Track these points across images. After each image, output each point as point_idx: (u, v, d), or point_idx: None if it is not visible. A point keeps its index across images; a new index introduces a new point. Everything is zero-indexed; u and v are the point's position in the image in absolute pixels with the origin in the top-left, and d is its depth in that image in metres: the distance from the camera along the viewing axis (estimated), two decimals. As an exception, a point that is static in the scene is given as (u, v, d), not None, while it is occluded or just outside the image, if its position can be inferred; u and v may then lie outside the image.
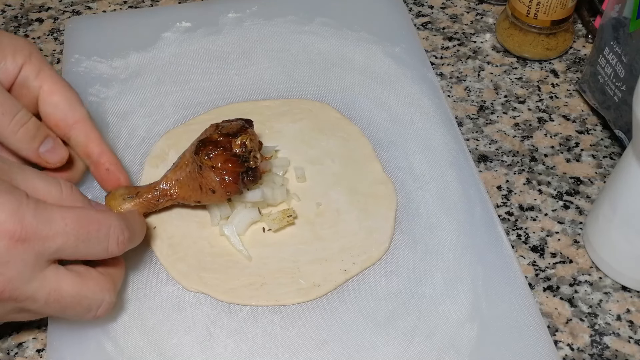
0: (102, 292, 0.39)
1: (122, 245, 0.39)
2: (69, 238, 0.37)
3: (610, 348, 0.43)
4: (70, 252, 0.37)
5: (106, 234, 0.38)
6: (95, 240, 0.38)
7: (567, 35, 0.61)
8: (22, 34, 0.63)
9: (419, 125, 0.54)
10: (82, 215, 0.37)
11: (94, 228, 0.38)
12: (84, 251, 0.38)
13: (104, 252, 0.39)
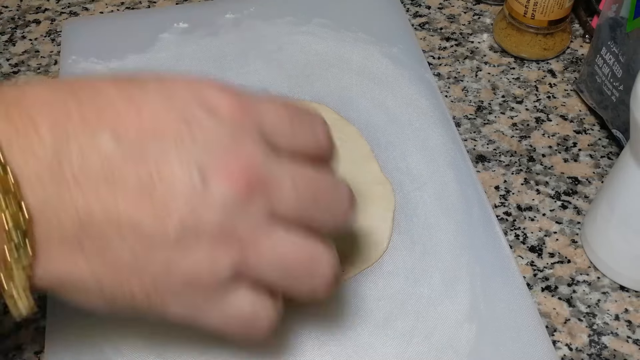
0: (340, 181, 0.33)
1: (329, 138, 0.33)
2: (280, 114, 0.31)
3: (608, 348, 0.43)
4: (284, 135, 0.31)
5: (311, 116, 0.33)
6: (306, 122, 0.32)
7: (565, 35, 0.61)
8: (19, 35, 0.63)
9: (416, 125, 0.54)
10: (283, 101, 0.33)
11: (302, 109, 0.33)
12: (297, 133, 0.32)
13: (313, 137, 0.32)
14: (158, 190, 0.28)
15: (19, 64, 0.61)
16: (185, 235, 0.28)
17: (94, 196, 0.27)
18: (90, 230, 0.28)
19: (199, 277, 0.29)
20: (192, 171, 0.28)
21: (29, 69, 0.60)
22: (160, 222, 0.28)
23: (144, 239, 0.28)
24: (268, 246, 0.30)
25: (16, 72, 0.60)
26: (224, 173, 0.28)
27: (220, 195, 0.28)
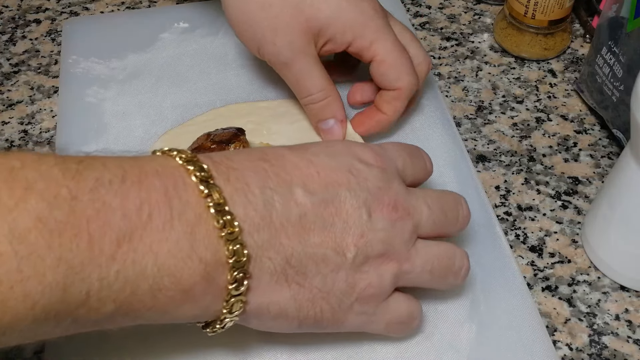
0: (456, 195, 0.42)
1: (431, 163, 0.43)
2: (404, 155, 0.40)
3: (608, 348, 0.43)
4: (410, 169, 0.40)
5: (419, 151, 0.43)
6: (418, 155, 0.42)
7: (565, 35, 0.61)
8: (19, 35, 0.63)
9: (416, 125, 0.54)
10: (396, 142, 0.43)
11: (410, 146, 0.43)
12: (417, 166, 0.41)
13: (424, 166, 0.42)
14: (337, 225, 0.36)
15: (20, 64, 0.61)
16: (359, 258, 0.36)
17: (295, 237, 0.35)
18: (293, 264, 0.35)
19: (370, 290, 0.37)
20: (360, 208, 0.36)
21: (29, 68, 0.60)
22: (341, 250, 0.36)
23: (330, 266, 0.36)
24: (416, 256, 0.38)
25: (16, 71, 0.60)
26: (382, 207, 0.37)
27: (380, 223, 0.37)
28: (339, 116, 0.51)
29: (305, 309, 0.36)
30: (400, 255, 0.37)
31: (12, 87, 0.59)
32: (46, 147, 0.54)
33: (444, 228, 0.40)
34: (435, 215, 0.39)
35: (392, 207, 0.37)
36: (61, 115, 0.54)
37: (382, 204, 0.37)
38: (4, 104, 0.57)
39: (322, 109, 0.50)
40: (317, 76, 0.49)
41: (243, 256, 0.33)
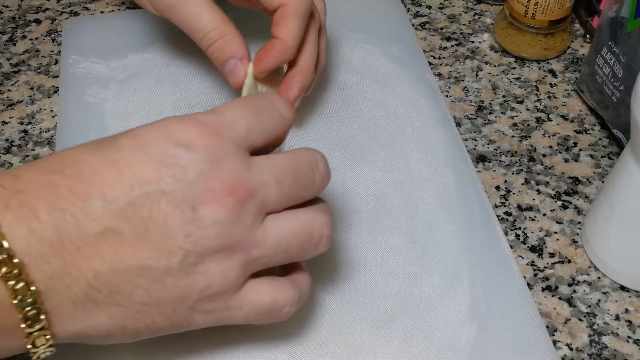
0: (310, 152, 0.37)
1: (289, 107, 0.38)
2: (246, 115, 0.35)
3: (609, 348, 0.43)
4: (258, 130, 0.35)
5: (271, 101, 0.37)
6: (268, 108, 0.36)
7: (565, 35, 0.61)
8: (19, 35, 0.63)
9: (417, 125, 0.54)
10: (240, 98, 0.38)
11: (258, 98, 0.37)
12: (267, 122, 0.36)
13: (280, 117, 0.37)
14: (152, 230, 0.31)
15: (20, 64, 0.61)
16: (190, 259, 0.32)
17: (96, 256, 0.31)
18: (99, 286, 0.31)
19: (214, 288, 0.33)
20: (180, 205, 0.31)
21: (29, 68, 0.60)
22: (162, 256, 0.31)
23: (152, 276, 0.32)
24: (266, 238, 0.34)
25: (17, 71, 0.60)
26: (210, 197, 0.32)
27: (211, 217, 0.32)
28: (239, 54, 0.46)
29: (132, 324, 0.33)
30: (245, 244, 0.33)
31: (12, 87, 0.59)
32: (46, 147, 0.54)
33: (298, 198, 0.35)
34: (287, 187, 0.34)
35: (225, 192, 0.32)
36: (61, 115, 0.54)
37: (210, 192, 0.32)
38: (4, 103, 0.57)
39: (220, 48, 0.47)
40: (209, 14, 0.46)
41: (28, 293, 0.30)
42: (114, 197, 0.31)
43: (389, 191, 0.50)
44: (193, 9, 0.46)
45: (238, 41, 0.47)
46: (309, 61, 0.48)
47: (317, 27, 0.48)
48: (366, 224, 0.48)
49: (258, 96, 0.37)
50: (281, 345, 0.42)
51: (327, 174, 0.37)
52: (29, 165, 0.33)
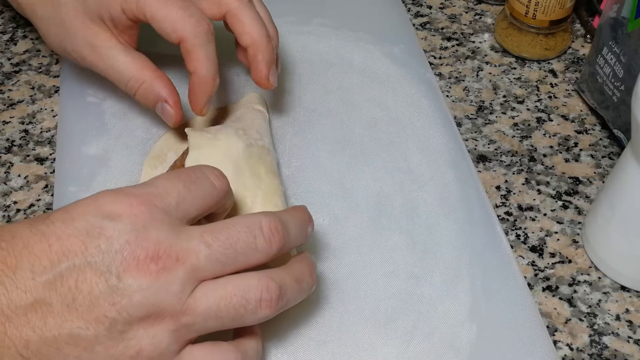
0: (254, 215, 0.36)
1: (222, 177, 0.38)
2: (177, 186, 0.35)
3: (609, 348, 0.43)
4: (189, 200, 0.35)
5: (202, 171, 0.37)
6: (199, 179, 0.36)
7: (566, 35, 0.61)
8: (20, 34, 0.63)
9: (417, 125, 0.54)
10: (172, 171, 0.39)
11: (189, 170, 0.37)
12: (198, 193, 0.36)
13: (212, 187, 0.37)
14: (78, 300, 0.32)
15: (20, 63, 0.61)
16: (117, 327, 0.32)
17: (26, 326, 0.32)
18: (30, 355, 0.32)
19: (145, 354, 0.33)
20: (105, 274, 0.32)
21: (30, 68, 0.60)
22: (89, 325, 0.32)
23: (81, 344, 0.32)
24: (196, 304, 0.34)
25: (17, 71, 0.60)
26: (134, 265, 0.32)
27: (135, 284, 0.32)
28: (162, 96, 0.47)
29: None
30: (173, 310, 0.33)
31: (13, 87, 0.59)
32: (47, 147, 0.54)
33: (238, 263, 0.35)
34: (219, 253, 0.34)
35: (149, 259, 0.32)
36: (62, 114, 0.54)
37: (134, 260, 0.32)
38: (4, 103, 0.57)
39: (144, 97, 0.47)
40: (122, 63, 0.47)
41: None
42: (42, 269, 0.32)
43: (390, 191, 0.50)
44: (108, 62, 0.47)
45: (157, 84, 0.47)
46: (257, 35, 0.47)
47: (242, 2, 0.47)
48: (367, 223, 0.48)
49: (190, 167, 0.38)
50: (282, 345, 0.42)
51: (274, 238, 0.36)
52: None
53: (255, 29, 0.47)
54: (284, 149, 0.52)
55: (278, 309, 0.36)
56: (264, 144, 0.48)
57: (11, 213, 0.50)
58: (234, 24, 0.47)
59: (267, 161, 0.47)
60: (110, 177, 0.50)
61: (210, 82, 0.46)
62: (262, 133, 0.49)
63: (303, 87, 0.57)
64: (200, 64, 0.45)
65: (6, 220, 0.49)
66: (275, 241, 0.36)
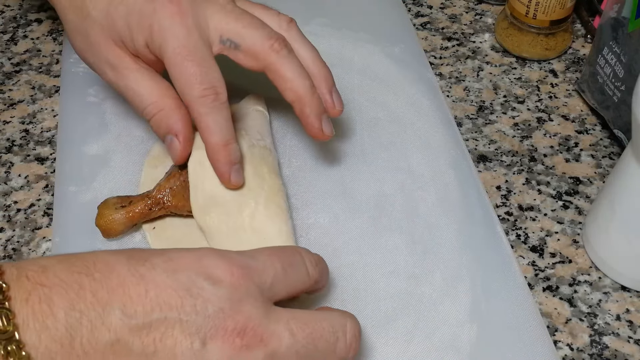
0: (341, 315, 0.36)
1: (317, 266, 0.38)
2: (276, 267, 0.35)
3: (609, 348, 0.43)
4: (282, 283, 0.35)
5: (301, 256, 0.37)
6: (297, 264, 0.37)
7: (566, 35, 0.61)
8: (21, 34, 0.63)
9: (418, 125, 0.54)
10: (274, 247, 0.37)
11: (290, 252, 0.37)
12: (292, 278, 0.36)
13: (306, 275, 0.37)
14: (159, 353, 0.31)
15: (21, 63, 0.61)
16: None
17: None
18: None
19: None
20: (192, 336, 0.32)
21: (30, 68, 0.60)
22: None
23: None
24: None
25: (18, 71, 0.60)
26: (221, 334, 0.32)
27: (216, 354, 0.32)
28: (174, 129, 0.44)
29: None
30: (260, 326, 0.33)
31: (13, 87, 0.59)
32: (47, 147, 0.54)
33: (314, 358, 0.35)
34: (300, 345, 0.34)
35: (237, 333, 0.32)
36: (62, 114, 0.54)
37: (223, 330, 0.32)
38: (5, 103, 0.57)
39: (157, 124, 0.45)
40: (146, 87, 0.44)
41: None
42: (134, 312, 0.31)
43: (390, 191, 0.50)
44: (129, 84, 0.45)
45: (174, 115, 0.44)
46: (301, 90, 0.45)
47: (280, 55, 0.44)
48: (367, 223, 0.48)
49: (291, 249, 0.38)
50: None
51: (353, 344, 0.36)
52: (59, 258, 0.33)
53: (297, 83, 0.44)
54: (284, 149, 0.52)
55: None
56: (265, 144, 0.48)
57: (11, 213, 0.50)
58: (275, 80, 0.45)
59: (269, 161, 0.47)
60: (110, 177, 0.50)
61: (223, 148, 0.43)
62: (263, 134, 0.49)
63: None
64: (207, 132, 0.43)
65: (6, 220, 0.49)
66: (353, 348, 0.36)
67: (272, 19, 0.46)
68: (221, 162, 0.43)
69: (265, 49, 0.44)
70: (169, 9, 0.42)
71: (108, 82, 0.46)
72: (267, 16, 0.46)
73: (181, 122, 0.44)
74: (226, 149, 0.43)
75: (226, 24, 0.44)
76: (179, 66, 0.42)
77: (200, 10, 0.44)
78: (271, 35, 0.44)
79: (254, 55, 0.44)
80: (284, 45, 0.44)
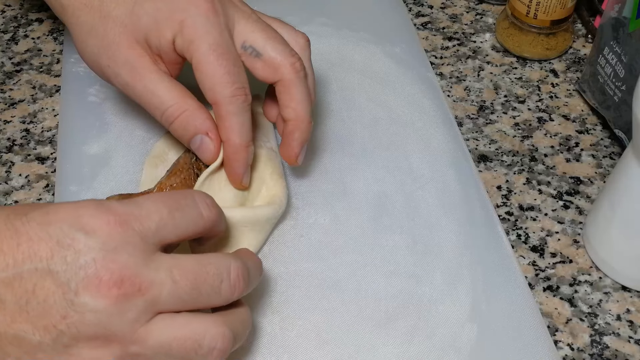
0: (225, 257, 0.36)
1: (213, 207, 0.37)
2: (161, 211, 0.35)
3: (610, 348, 0.43)
4: (170, 226, 0.35)
5: (192, 198, 0.36)
6: (187, 206, 0.36)
7: (567, 35, 0.61)
8: (21, 34, 0.63)
9: (418, 125, 0.54)
10: (163, 192, 0.37)
11: (179, 195, 0.36)
12: (182, 221, 0.36)
13: (199, 217, 0.36)
14: (32, 304, 0.32)
15: (22, 63, 0.61)
16: (63, 340, 0.32)
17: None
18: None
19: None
20: (64, 286, 0.32)
21: (31, 67, 0.60)
22: (36, 331, 0.32)
23: (24, 347, 0.32)
24: (149, 336, 0.33)
25: (19, 70, 0.60)
26: (95, 285, 0.32)
27: (90, 303, 0.32)
28: (203, 128, 0.44)
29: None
30: (123, 337, 0.33)
31: (14, 86, 0.59)
32: (48, 146, 0.54)
33: (198, 303, 0.35)
34: (183, 291, 0.34)
35: (113, 283, 0.32)
36: (63, 114, 0.54)
37: (97, 280, 0.32)
38: (6, 102, 0.57)
39: (183, 126, 0.44)
40: (165, 89, 0.44)
41: None
42: (5, 265, 0.32)
43: (391, 191, 0.50)
44: (149, 86, 0.44)
45: (200, 114, 0.44)
46: (302, 114, 0.45)
47: (298, 76, 0.45)
48: (367, 223, 0.48)
49: (182, 192, 0.37)
50: (283, 345, 0.42)
51: (237, 284, 0.36)
52: None
53: (301, 107, 0.45)
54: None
55: (226, 357, 0.35)
56: (271, 146, 0.48)
57: (12, 212, 0.50)
58: (282, 94, 0.45)
59: (275, 163, 0.47)
60: (111, 177, 0.50)
61: (244, 150, 0.44)
62: (268, 136, 0.49)
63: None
64: (232, 132, 0.43)
65: (7, 219, 0.49)
66: (238, 287, 0.36)
67: (290, 35, 0.47)
68: (239, 163, 0.44)
69: (286, 65, 0.44)
70: (204, 7, 0.42)
71: (122, 85, 0.45)
72: (285, 31, 0.47)
73: (209, 121, 0.44)
74: (246, 151, 0.44)
75: (251, 32, 0.44)
76: (213, 64, 0.42)
77: (229, 14, 0.44)
78: (293, 53, 0.45)
79: (274, 68, 0.44)
80: (302, 67, 0.45)
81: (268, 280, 0.45)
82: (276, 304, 0.44)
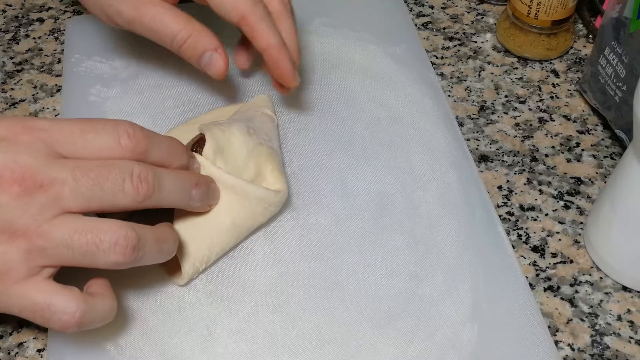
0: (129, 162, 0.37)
1: (135, 137, 0.38)
2: (73, 129, 0.37)
3: (610, 348, 0.43)
4: (79, 143, 0.37)
5: (114, 125, 0.38)
6: (102, 130, 0.38)
7: (568, 35, 0.61)
8: (22, 34, 0.63)
9: (419, 125, 0.54)
10: (85, 118, 0.39)
11: (100, 121, 0.38)
12: (94, 141, 0.37)
13: (115, 143, 0.38)
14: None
15: (23, 62, 0.61)
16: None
17: None
18: None
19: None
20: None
21: (32, 67, 0.60)
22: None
23: None
24: (52, 230, 0.35)
25: (20, 70, 0.60)
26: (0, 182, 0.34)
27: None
28: (212, 46, 0.48)
29: None
30: (27, 231, 0.35)
31: (15, 86, 0.59)
32: (49, 146, 0.54)
33: (103, 202, 0.36)
34: (85, 188, 0.36)
35: (14, 180, 0.35)
36: (64, 113, 0.54)
37: (1, 178, 0.35)
38: (7, 102, 0.57)
39: (192, 46, 0.48)
40: (170, 18, 0.47)
41: None
42: None
43: (391, 191, 0.50)
44: (156, 17, 0.47)
45: (207, 34, 0.48)
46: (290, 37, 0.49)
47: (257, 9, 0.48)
48: (368, 223, 0.48)
49: (105, 119, 0.39)
50: (283, 344, 0.42)
51: (140, 185, 0.37)
52: None
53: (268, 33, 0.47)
54: (285, 148, 0.52)
55: (132, 261, 0.37)
56: (272, 145, 0.48)
57: (13, 212, 0.50)
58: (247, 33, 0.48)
59: (276, 160, 0.47)
60: (112, 176, 0.50)
61: (283, 48, 0.47)
62: (270, 136, 0.49)
63: (305, 86, 0.57)
64: (269, 34, 0.47)
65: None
66: (142, 189, 0.37)
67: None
68: (286, 60, 0.47)
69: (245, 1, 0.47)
70: None
71: (127, 22, 0.47)
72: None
73: (216, 39, 0.48)
74: (285, 49, 0.47)
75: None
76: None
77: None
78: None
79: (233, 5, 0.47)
80: None
81: (269, 280, 0.45)
82: (277, 303, 0.44)
